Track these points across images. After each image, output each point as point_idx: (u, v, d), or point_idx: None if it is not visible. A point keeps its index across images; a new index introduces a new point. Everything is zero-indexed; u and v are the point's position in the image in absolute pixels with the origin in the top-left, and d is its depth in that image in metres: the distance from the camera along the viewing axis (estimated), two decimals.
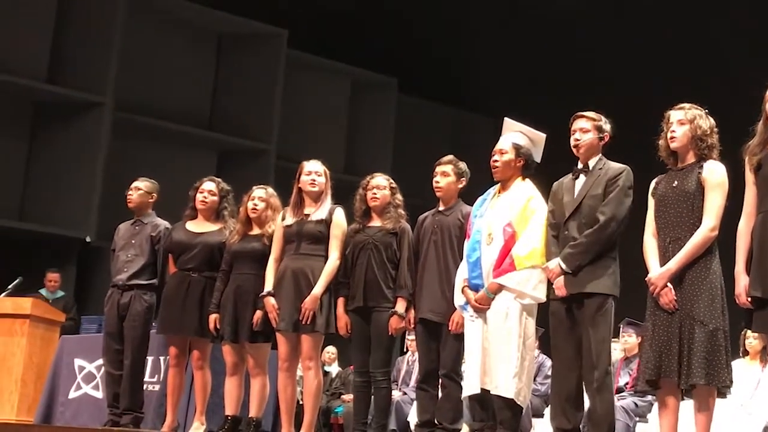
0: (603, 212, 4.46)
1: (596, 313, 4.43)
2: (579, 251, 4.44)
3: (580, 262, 4.44)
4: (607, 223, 4.44)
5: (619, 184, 4.50)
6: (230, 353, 5.57)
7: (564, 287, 4.48)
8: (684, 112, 4.26)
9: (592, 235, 4.44)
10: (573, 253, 4.45)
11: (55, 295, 9.18)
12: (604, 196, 4.50)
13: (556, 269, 4.49)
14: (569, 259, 4.45)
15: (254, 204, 5.61)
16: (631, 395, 6.86)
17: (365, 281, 5.36)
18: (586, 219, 4.50)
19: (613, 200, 4.47)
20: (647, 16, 11.47)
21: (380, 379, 5.37)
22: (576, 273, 4.45)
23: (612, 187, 4.50)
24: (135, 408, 5.89)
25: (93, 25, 12.71)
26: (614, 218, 4.45)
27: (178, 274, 5.81)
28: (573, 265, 4.45)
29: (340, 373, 10.57)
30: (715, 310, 4.07)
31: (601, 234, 4.44)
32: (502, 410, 4.65)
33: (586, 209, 4.51)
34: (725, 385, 4.05)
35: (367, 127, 15.37)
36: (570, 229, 4.52)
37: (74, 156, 12.52)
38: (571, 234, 4.51)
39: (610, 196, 4.49)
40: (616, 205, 4.47)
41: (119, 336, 5.95)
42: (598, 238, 4.44)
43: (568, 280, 4.47)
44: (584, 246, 4.44)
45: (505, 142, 4.92)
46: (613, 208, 4.46)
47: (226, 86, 14.38)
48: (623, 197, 4.49)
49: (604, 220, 4.44)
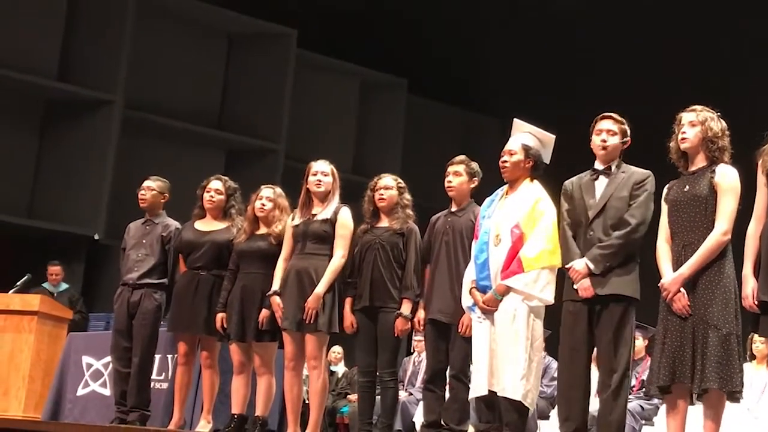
0: (634, 215, 4.46)
1: (622, 316, 4.43)
2: (610, 253, 4.43)
3: (610, 263, 4.43)
4: (637, 227, 4.44)
5: (647, 189, 4.50)
6: (237, 352, 5.58)
7: (591, 288, 4.45)
8: (696, 114, 4.26)
9: (623, 237, 4.43)
10: (603, 254, 4.43)
11: (58, 288, 9.05)
12: (630, 199, 4.50)
13: (583, 270, 4.45)
14: (599, 260, 4.43)
15: (262, 203, 5.62)
16: (638, 398, 6.85)
17: (371, 281, 5.37)
18: (612, 221, 4.48)
19: (642, 204, 4.48)
20: (655, 15, 11.44)
21: (387, 380, 5.38)
22: (604, 274, 4.43)
23: (639, 191, 4.50)
24: (142, 406, 5.91)
25: (103, 24, 12.76)
26: (644, 222, 4.46)
27: (187, 273, 5.84)
28: (602, 267, 4.43)
29: (346, 373, 10.58)
30: (729, 315, 4.05)
31: (630, 237, 4.44)
32: (508, 412, 4.64)
33: (612, 211, 4.50)
34: (737, 390, 4.03)
35: (376, 128, 15.37)
36: (595, 230, 4.50)
37: (84, 154, 12.56)
38: (596, 235, 4.49)
39: (638, 200, 4.48)
40: (644, 209, 4.48)
41: (128, 334, 5.97)
42: (628, 241, 4.44)
43: (594, 281, 4.44)
44: (615, 248, 4.43)
45: (515, 143, 4.91)
46: (642, 212, 4.47)
47: (236, 85, 14.40)
48: (650, 202, 4.51)
49: (635, 223, 4.44)
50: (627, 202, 4.50)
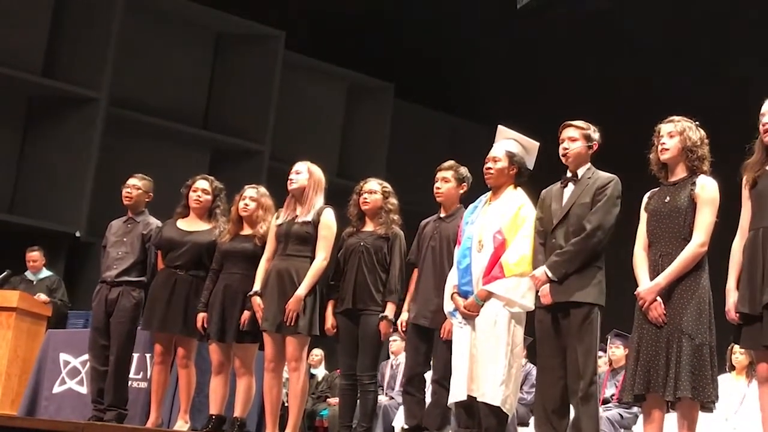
0: (589, 221, 4.46)
1: (582, 323, 4.42)
2: (565, 259, 4.44)
3: (566, 270, 4.43)
4: (593, 232, 4.43)
5: (607, 194, 4.49)
6: (216, 352, 5.55)
7: (549, 295, 4.46)
8: (674, 125, 4.28)
9: (578, 243, 4.44)
10: (559, 261, 4.44)
11: (38, 275, 8.65)
12: (592, 204, 4.50)
13: (542, 277, 4.48)
14: (555, 267, 4.44)
15: (245, 203, 5.60)
16: (617, 407, 6.87)
17: (355, 284, 5.36)
18: (573, 227, 4.49)
19: (600, 209, 4.47)
20: (643, 25, 11.50)
21: (367, 383, 5.37)
22: (562, 281, 4.44)
23: (600, 196, 4.50)
24: (119, 404, 5.87)
25: (90, 20, 12.70)
26: (600, 227, 4.44)
27: (165, 271, 5.80)
28: (559, 273, 4.44)
29: (326, 376, 10.55)
30: (702, 325, 4.07)
31: (587, 243, 4.43)
32: (487, 417, 4.64)
33: (574, 218, 4.51)
34: (710, 400, 4.04)
35: (362, 131, 15.37)
36: (557, 237, 4.52)
37: (67, 151, 12.49)
38: (558, 242, 4.51)
39: (597, 205, 4.49)
40: (603, 214, 4.46)
41: (106, 331, 5.93)
42: (584, 247, 4.43)
43: (554, 289, 4.46)
44: (570, 254, 4.43)
45: (499, 150, 4.92)
46: (600, 217, 4.45)
47: (222, 86, 14.37)
48: (611, 207, 4.49)
49: (591, 228, 4.44)
50: (589, 208, 4.50)
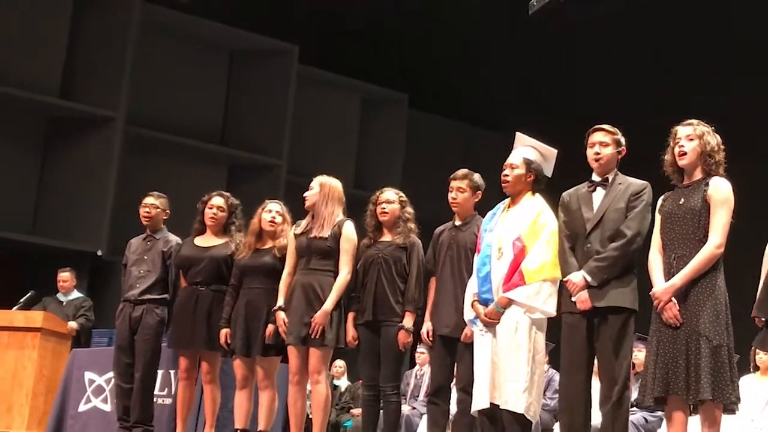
0: (629, 227, 4.45)
1: (621, 328, 4.41)
2: (606, 265, 4.41)
3: (607, 275, 4.41)
4: (633, 238, 4.43)
5: (644, 200, 4.50)
6: (241, 367, 5.59)
7: (588, 300, 4.44)
8: (693, 128, 4.26)
9: (620, 249, 4.42)
10: (600, 266, 4.42)
11: (68, 296, 8.70)
12: (626, 210, 4.49)
13: (581, 282, 4.44)
14: (595, 272, 4.42)
15: (272, 217, 5.64)
16: (641, 410, 6.83)
17: (375, 295, 5.38)
18: (609, 232, 4.48)
19: (638, 215, 4.47)
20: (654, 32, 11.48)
21: (390, 393, 5.38)
22: (602, 286, 4.42)
23: (636, 202, 4.50)
24: (145, 421, 5.91)
25: (106, 41, 12.81)
26: (640, 234, 4.45)
27: (187, 288, 5.85)
28: (599, 279, 4.42)
29: (349, 387, 10.57)
30: (720, 327, 4.05)
31: (627, 249, 4.42)
32: (511, 425, 4.63)
33: (609, 223, 4.49)
34: (731, 401, 4.02)
35: (378, 143, 15.40)
36: (593, 242, 4.49)
37: (86, 170, 12.59)
38: (594, 247, 4.48)
39: (635, 211, 4.48)
40: (641, 220, 4.47)
41: (130, 349, 5.98)
42: (625, 253, 4.43)
43: (592, 294, 4.43)
44: (611, 260, 4.42)
45: (516, 157, 4.92)
46: (638, 223, 4.46)
47: (237, 101, 14.45)
48: (647, 213, 4.50)
49: (631, 234, 4.43)
50: (624, 214, 4.49)
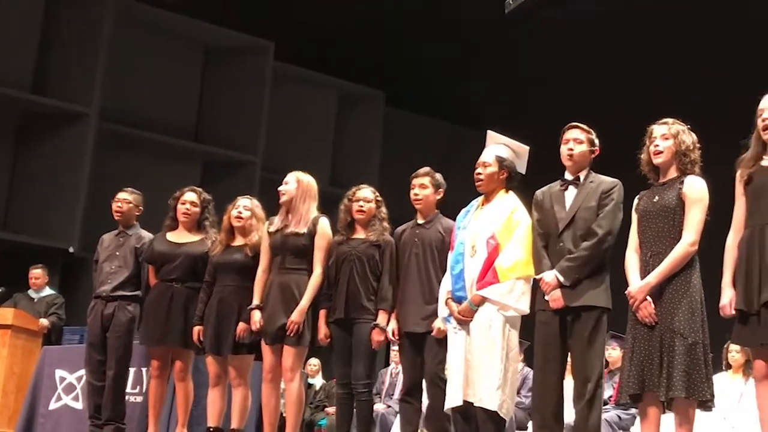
0: (600, 225, 4.47)
1: (594, 327, 4.43)
2: (578, 264, 4.43)
3: (579, 275, 4.43)
4: (604, 237, 4.45)
5: (614, 198, 4.51)
6: (213, 365, 5.56)
7: (561, 299, 4.45)
8: (668, 127, 4.28)
9: (591, 248, 4.44)
10: (571, 266, 4.44)
11: (40, 293, 8.62)
12: (598, 209, 4.51)
13: (553, 281, 4.46)
14: (567, 271, 4.44)
15: (239, 212, 5.61)
16: (615, 408, 6.87)
17: (347, 293, 5.36)
18: (581, 231, 4.49)
19: (609, 214, 4.49)
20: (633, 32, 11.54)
21: (362, 391, 5.35)
22: (574, 286, 4.44)
23: (606, 200, 4.51)
24: (117, 419, 5.86)
25: (79, 36, 12.70)
26: (611, 232, 4.47)
27: (160, 285, 5.79)
28: (571, 278, 4.44)
29: (323, 385, 10.55)
30: (695, 324, 4.07)
31: (599, 248, 4.44)
32: (485, 423, 4.63)
33: (581, 222, 4.51)
34: (705, 398, 4.04)
35: (354, 140, 15.39)
36: (565, 241, 4.51)
37: (59, 166, 12.48)
38: (566, 246, 4.50)
39: (605, 209, 4.50)
40: (612, 219, 4.49)
41: (102, 347, 5.92)
42: (597, 252, 4.44)
43: (565, 293, 4.45)
44: (583, 259, 4.43)
45: (489, 155, 4.92)
46: (609, 222, 4.48)
47: (212, 98, 14.38)
48: (618, 211, 4.52)
49: (602, 233, 4.45)
50: (595, 212, 4.51)
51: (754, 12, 10.31)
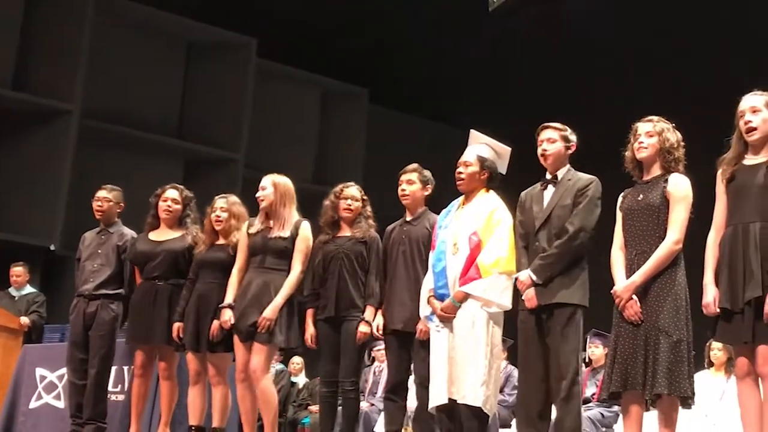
0: (572, 223, 4.48)
1: (566, 324, 4.44)
2: (549, 262, 4.45)
3: (551, 272, 4.45)
4: (575, 234, 4.46)
5: (588, 195, 4.52)
6: (193, 362, 5.54)
7: (534, 298, 4.48)
8: (652, 125, 4.30)
9: (561, 246, 4.45)
10: (543, 264, 4.46)
11: (21, 291, 8.55)
12: (573, 206, 4.52)
13: (527, 280, 4.49)
14: (539, 270, 4.46)
15: (217, 216, 5.59)
16: (598, 406, 6.89)
17: (337, 291, 5.35)
18: (556, 230, 4.51)
19: (582, 211, 4.49)
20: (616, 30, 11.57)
21: (348, 389, 5.34)
22: (546, 284, 4.46)
23: (581, 197, 4.52)
24: (99, 418, 5.82)
25: (60, 32, 12.61)
26: (583, 229, 4.47)
27: (144, 284, 5.77)
28: (543, 277, 4.45)
29: (307, 383, 10.53)
30: (680, 321, 4.09)
31: (569, 245, 4.45)
32: (469, 419, 4.62)
33: (556, 220, 4.53)
34: (687, 395, 4.06)
35: (338, 137, 15.36)
36: (540, 240, 4.53)
37: (40, 164, 12.40)
38: (541, 245, 4.52)
39: (579, 206, 4.51)
40: (584, 215, 4.49)
41: (84, 345, 5.88)
42: (568, 249, 4.45)
43: (539, 291, 4.47)
44: (553, 257, 4.45)
45: (470, 155, 4.92)
46: (581, 218, 4.48)
47: (195, 95, 14.32)
48: (593, 208, 4.52)
49: (573, 230, 4.46)
50: (570, 210, 4.52)
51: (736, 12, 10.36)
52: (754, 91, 3.98)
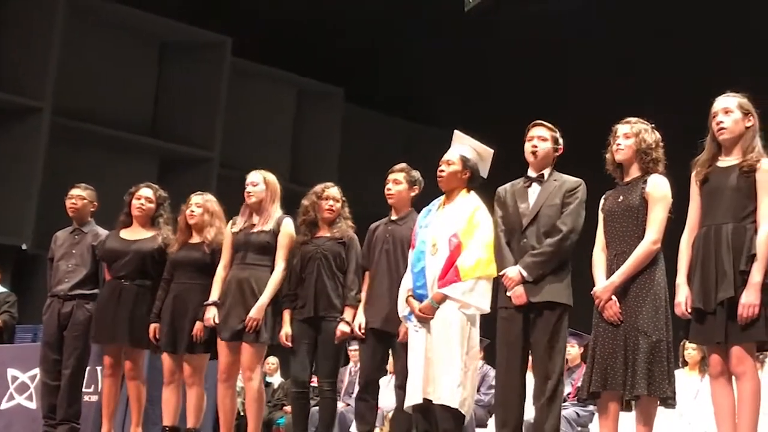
0: (565, 223, 4.51)
1: (555, 324, 4.46)
2: (542, 260, 4.47)
3: (543, 271, 4.47)
4: (568, 234, 4.49)
5: (578, 197, 4.56)
6: (168, 362, 5.49)
7: (524, 295, 4.47)
8: (630, 126, 4.32)
9: (555, 245, 4.47)
10: (536, 262, 4.47)
11: None
12: (561, 206, 4.54)
13: (517, 277, 4.48)
14: (532, 267, 4.47)
15: (191, 210, 5.55)
16: (573, 405, 6.90)
17: (315, 291, 5.32)
18: (545, 228, 4.53)
19: (573, 212, 4.53)
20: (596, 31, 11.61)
21: (326, 390, 5.32)
22: (537, 282, 4.46)
23: (570, 198, 4.56)
24: (72, 419, 5.76)
25: (31, 29, 12.50)
26: (574, 230, 4.52)
27: (111, 282, 5.72)
28: (535, 274, 4.46)
29: (282, 383, 10.48)
30: (659, 322, 4.11)
31: (562, 244, 4.48)
32: (445, 420, 4.61)
33: (545, 218, 4.55)
34: (666, 395, 4.08)
35: (313, 137, 15.34)
36: (528, 238, 4.54)
37: (11, 162, 12.28)
38: (530, 242, 4.53)
39: (569, 207, 4.54)
40: (575, 217, 4.53)
41: (58, 346, 5.82)
42: (560, 248, 4.48)
43: (528, 289, 4.47)
44: (548, 255, 4.47)
45: (453, 153, 4.92)
46: (573, 220, 4.52)
47: (169, 93, 14.24)
48: (581, 210, 4.57)
49: (566, 230, 4.49)
50: (559, 210, 4.55)
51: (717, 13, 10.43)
52: (727, 93, 4.02)
